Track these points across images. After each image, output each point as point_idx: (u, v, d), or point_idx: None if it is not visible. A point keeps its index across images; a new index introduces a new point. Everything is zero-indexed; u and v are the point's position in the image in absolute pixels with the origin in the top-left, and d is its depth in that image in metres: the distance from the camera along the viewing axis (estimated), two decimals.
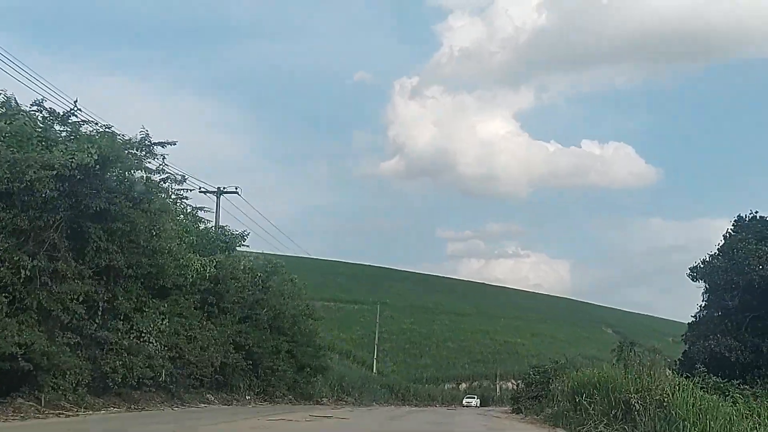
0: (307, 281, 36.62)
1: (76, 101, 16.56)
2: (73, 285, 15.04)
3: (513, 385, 61.67)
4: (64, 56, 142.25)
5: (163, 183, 19.34)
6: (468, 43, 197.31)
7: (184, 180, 21.38)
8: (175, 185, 21.35)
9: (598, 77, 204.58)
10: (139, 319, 17.89)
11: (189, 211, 25.11)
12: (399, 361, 76.98)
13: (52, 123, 16.12)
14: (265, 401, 26.82)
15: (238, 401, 24.54)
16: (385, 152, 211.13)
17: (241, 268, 26.13)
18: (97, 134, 16.03)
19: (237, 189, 32.32)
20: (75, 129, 15.91)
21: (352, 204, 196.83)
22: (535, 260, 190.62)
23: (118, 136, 16.48)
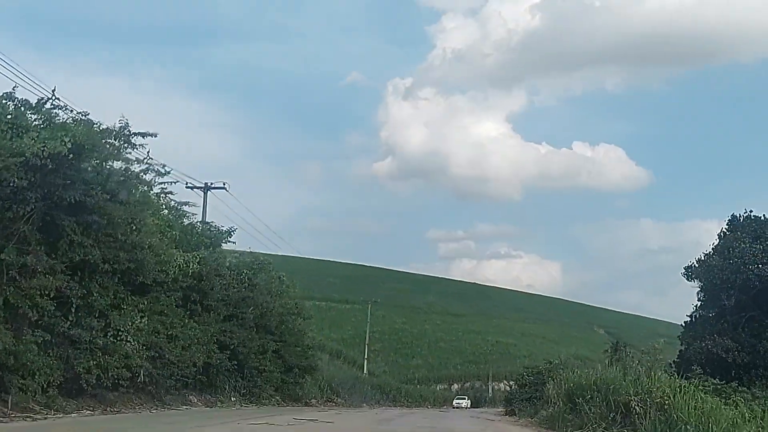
0: (298, 281, 35.85)
1: (54, 90, 15.73)
2: (43, 280, 14.25)
3: (505, 386, 61.24)
4: (53, 55, 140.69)
5: (143, 174, 18.51)
6: (461, 45, 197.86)
7: (168, 173, 20.58)
8: (159, 178, 20.58)
9: (589, 79, 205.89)
10: (116, 317, 17.07)
11: (173, 205, 24.31)
12: (390, 362, 76.33)
13: (24, 111, 15.26)
14: (251, 403, 26.03)
15: (223, 403, 23.75)
16: (377, 153, 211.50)
17: (227, 264, 25.34)
18: (72, 122, 15.18)
19: (225, 185, 31.56)
20: (48, 116, 15.03)
21: (344, 204, 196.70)
22: (527, 261, 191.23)
23: (95, 125, 15.63)
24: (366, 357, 64.94)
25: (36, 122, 14.81)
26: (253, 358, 26.79)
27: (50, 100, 15.60)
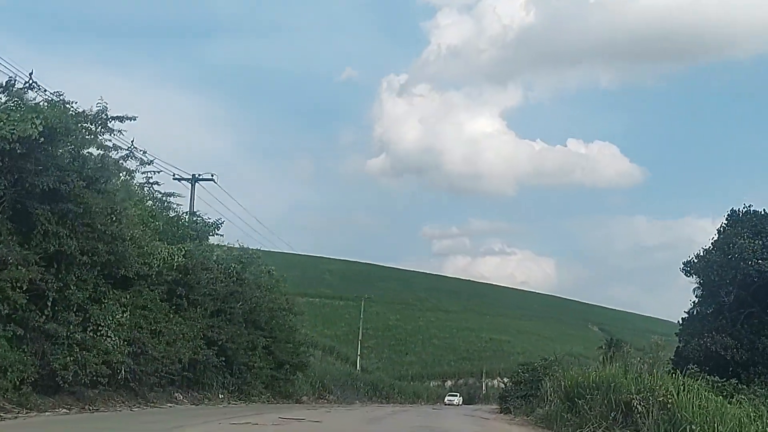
0: (291, 277, 35.09)
1: (31, 73, 14.87)
2: (14, 272, 13.48)
3: (499, 383, 60.69)
4: (46, 49, 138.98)
5: (124, 162, 17.71)
6: (456, 41, 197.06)
7: (151, 162, 19.80)
8: (143, 168, 19.80)
9: (584, 76, 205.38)
10: (96, 311, 16.27)
11: (159, 197, 23.53)
12: (384, 358, 75.79)
13: None
14: (240, 400, 25.32)
15: (210, 400, 23.02)
16: (371, 149, 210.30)
17: (214, 258, 24.57)
18: (45, 104, 14.37)
19: (213, 176, 30.72)
20: (19, 97, 14.21)
21: (337, 201, 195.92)
22: (521, 258, 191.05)
23: (70, 107, 14.81)
24: (359, 353, 64.33)
25: (6, 104, 14.00)
26: (242, 354, 26.05)
27: (27, 84, 14.81)
